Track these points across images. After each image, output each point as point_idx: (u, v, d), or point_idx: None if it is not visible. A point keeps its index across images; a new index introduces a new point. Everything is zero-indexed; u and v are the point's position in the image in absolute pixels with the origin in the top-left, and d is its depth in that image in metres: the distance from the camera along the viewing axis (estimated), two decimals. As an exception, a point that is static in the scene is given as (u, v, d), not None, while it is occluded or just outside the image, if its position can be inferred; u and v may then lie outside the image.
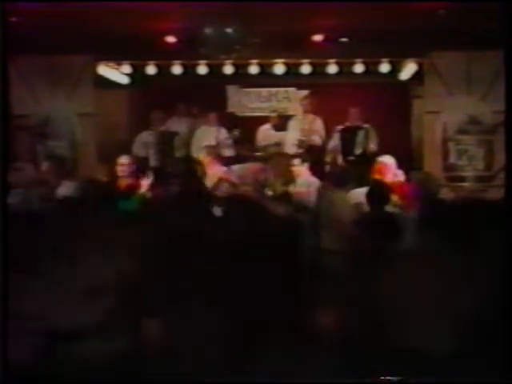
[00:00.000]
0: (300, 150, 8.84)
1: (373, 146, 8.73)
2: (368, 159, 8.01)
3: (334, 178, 6.49)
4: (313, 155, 8.33)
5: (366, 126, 8.83)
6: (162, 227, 4.09)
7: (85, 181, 5.57)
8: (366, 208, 5.60)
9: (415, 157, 9.51)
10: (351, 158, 8.61)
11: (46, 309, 2.93)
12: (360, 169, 7.54)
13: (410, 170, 7.28)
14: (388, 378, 2.83)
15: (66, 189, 5.86)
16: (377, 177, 6.90)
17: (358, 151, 8.68)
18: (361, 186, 6.18)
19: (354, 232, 4.70)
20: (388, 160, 7.17)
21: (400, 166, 7.03)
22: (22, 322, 2.91)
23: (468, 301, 3.06)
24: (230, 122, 9.71)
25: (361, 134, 8.78)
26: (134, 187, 6.44)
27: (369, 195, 5.65)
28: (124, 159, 6.80)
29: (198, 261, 3.71)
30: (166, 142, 8.89)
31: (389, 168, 7.08)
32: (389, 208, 5.68)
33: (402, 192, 6.41)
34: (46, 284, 3.01)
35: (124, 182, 6.60)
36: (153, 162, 8.63)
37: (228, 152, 8.95)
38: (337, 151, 8.89)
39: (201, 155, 8.26)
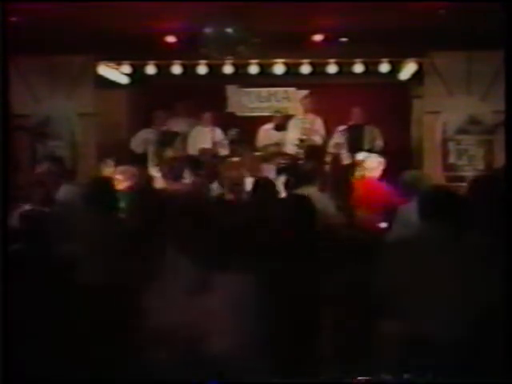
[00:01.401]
0: (300, 150, 8.86)
1: (380, 144, 8.75)
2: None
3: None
4: (313, 155, 8.35)
5: (370, 125, 8.85)
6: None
7: None
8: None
9: (415, 157, 9.51)
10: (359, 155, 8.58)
11: None
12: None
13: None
14: (389, 377, 2.83)
15: None
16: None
17: (366, 147, 8.66)
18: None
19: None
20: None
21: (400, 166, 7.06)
22: None
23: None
24: (229, 121, 9.71)
25: (368, 132, 8.79)
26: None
27: None
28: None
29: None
30: (166, 141, 8.88)
31: None
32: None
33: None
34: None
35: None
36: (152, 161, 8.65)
37: (223, 152, 8.96)
38: (340, 149, 8.88)
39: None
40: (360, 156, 7.73)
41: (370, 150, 8.45)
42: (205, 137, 9.11)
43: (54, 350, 3.23)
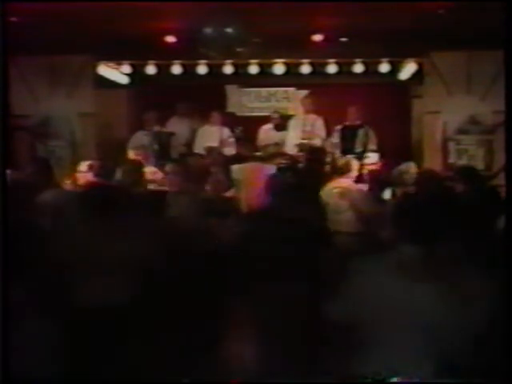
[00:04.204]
0: (301, 151, 8.85)
1: (372, 146, 8.74)
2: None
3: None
4: (314, 156, 8.34)
5: (364, 125, 8.85)
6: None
7: None
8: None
9: (415, 157, 9.50)
10: (351, 155, 8.58)
11: None
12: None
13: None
14: (389, 377, 2.82)
15: None
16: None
17: (358, 149, 8.68)
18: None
19: None
20: None
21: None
22: None
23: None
24: (231, 121, 9.71)
25: (361, 133, 8.79)
26: None
27: None
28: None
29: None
30: (161, 142, 8.86)
31: None
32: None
33: None
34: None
35: None
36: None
37: (230, 151, 8.95)
38: (335, 149, 8.88)
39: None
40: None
41: (362, 152, 8.46)
42: (212, 135, 9.11)
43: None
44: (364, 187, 6.91)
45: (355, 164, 6.95)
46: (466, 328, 2.94)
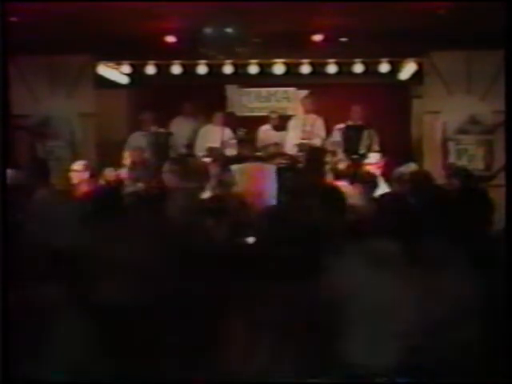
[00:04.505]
0: (301, 151, 8.86)
1: (375, 146, 8.75)
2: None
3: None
4: (314, 156, 8.35)
5: (369, 127, 8.85)
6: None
7: None
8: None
9: (415, 157, 9.51)
10: (355, 156, 8.58)
11: None
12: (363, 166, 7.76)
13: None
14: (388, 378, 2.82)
15: None
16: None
17: (362, 150, 8.67)
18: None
19: None
20: None
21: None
22: None
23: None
24: (233, 121, 9.70)
25: (365, 134, 8.78)
26: None
27: None
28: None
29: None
30: (159, 142, 8.84)
31: None
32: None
33: None
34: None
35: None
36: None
37: (231, 152, 8.94)
38: (337, 149, 8.87)
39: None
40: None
41: (365, 153, 8.48)
42: (214, 136, 9.10)
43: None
44: (363, 189, 6.88)
45: (354, 166, 6.96)
46: (463, 328, 2.95)
